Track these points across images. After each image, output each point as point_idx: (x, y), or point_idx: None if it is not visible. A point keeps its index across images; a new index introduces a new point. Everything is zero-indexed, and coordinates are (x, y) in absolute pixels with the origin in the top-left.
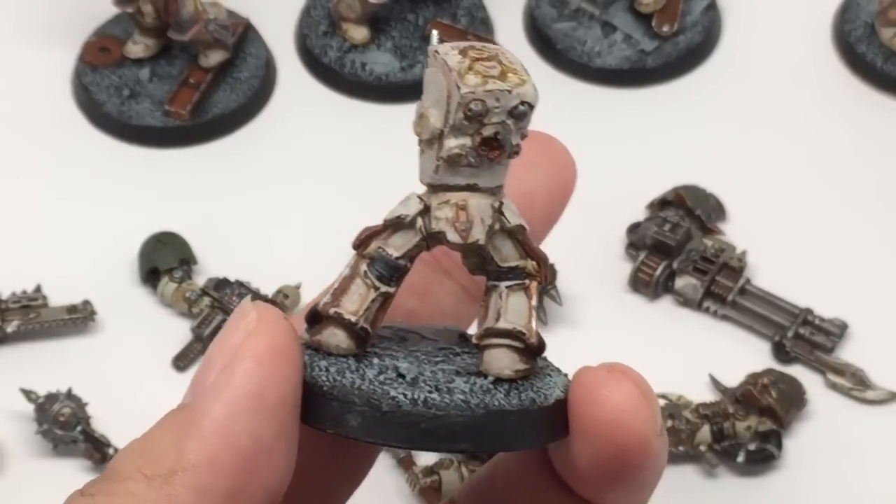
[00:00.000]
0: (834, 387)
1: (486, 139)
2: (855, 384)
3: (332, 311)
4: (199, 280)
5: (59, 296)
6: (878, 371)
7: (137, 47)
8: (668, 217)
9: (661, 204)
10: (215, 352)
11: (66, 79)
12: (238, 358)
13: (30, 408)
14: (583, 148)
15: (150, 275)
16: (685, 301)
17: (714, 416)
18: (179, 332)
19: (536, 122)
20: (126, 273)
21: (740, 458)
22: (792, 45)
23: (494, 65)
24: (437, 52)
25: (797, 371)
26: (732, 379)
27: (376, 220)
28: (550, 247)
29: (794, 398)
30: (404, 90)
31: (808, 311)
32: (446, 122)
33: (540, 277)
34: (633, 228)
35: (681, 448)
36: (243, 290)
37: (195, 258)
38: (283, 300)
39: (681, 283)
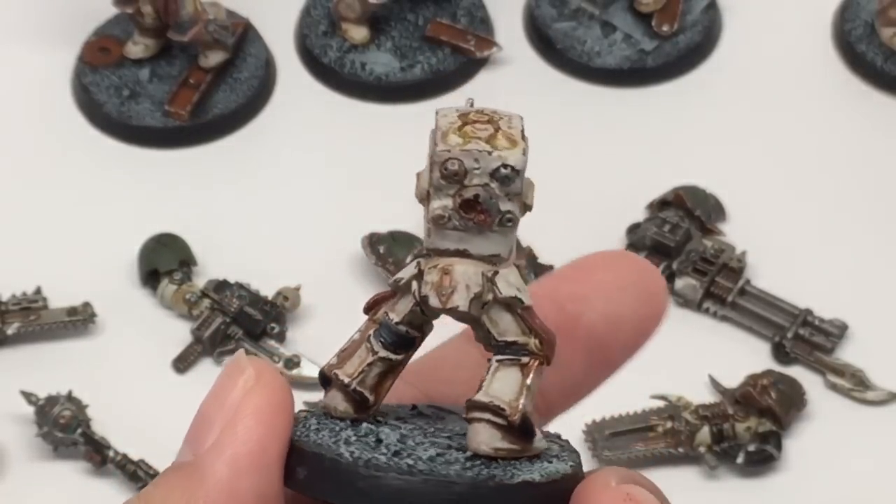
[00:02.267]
0: (834, 387)
1: (466, 201)
2: (855, 385)
3: (333, 372)
4: (199, 282)
5: (59, 298)
6: (878, 371)
7: (137, 48)
8: (668, 218)
9: (661, 204)
10: (212, 409)
11: (66, 79)
12: (239, 416)
13: (30, 410)
14: (583, 148)
15: (150, 276)
16: (685, 302)
17: (714, 418)
18: (179, 333)
19: (536, 122)
20: (126, 275)
21: (740, 460)
22: (792, 45)
23: (487, 127)
24: (438, 111)
25: (797, 372)
26: (732, 380)
27: (375, 220)
28: (550, 247)
29: (793, 399)
30: (404, 90)
31: (808, 312)
32: (430, 183)
33: (543, 358)
34: (633, 229)
35: (680, 449)
36: (243, 291)
37: (195, 260)
38: (282, 302)
39: (680, 283)
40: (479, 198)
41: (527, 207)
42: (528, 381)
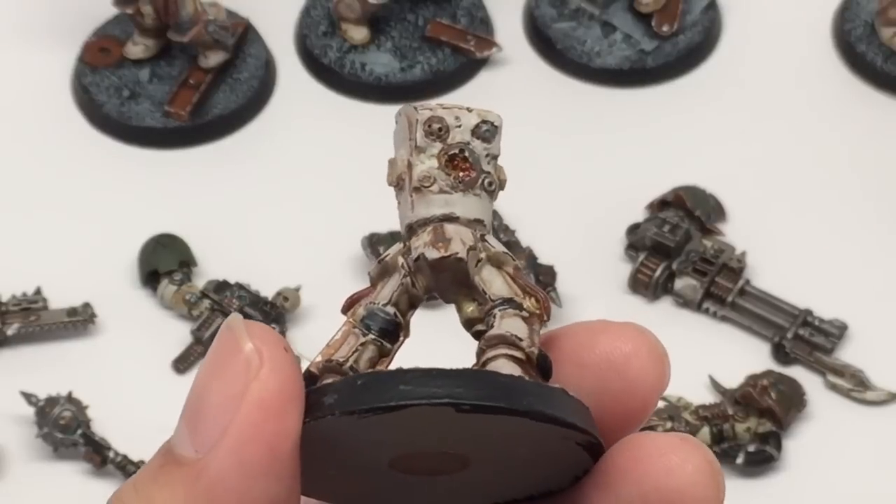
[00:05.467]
0: (834, 388)
1: (452, 156)
2: (855, 385)
3: (323, 361)
4: (199, 282)
5: (59, 298)
6: (878, 372)
7: (137, 48)
8: (668, 218)
9: (661, 205)
10: (212, 393)
11: (66, 79)
12: (246, 411)
13: (30, 411)
14: (583, 148)
15: (150, 277)
16: (685, 302)
17: (713, 418)
18: (179, 334)
19: (537, 122)
20: (126, 275)
21: (740, 460)
22: (792, 45)
23: (459, 105)
24: (399, 111)
25: (797, 372)
26: (732, 380)
27: (375, 220)
28: (550, 247)
29: (793, 399)
30: (404, 90)
31: (808, 312)
32: (412, 149)
33: (542, 314)
34: (633, 229)
35: None
36: (243, 292)
37: (195, 260)
38: (282, 302)
39: (680, 284)
40: (464, 151)
41: (502, 183)
42: (535, 327)
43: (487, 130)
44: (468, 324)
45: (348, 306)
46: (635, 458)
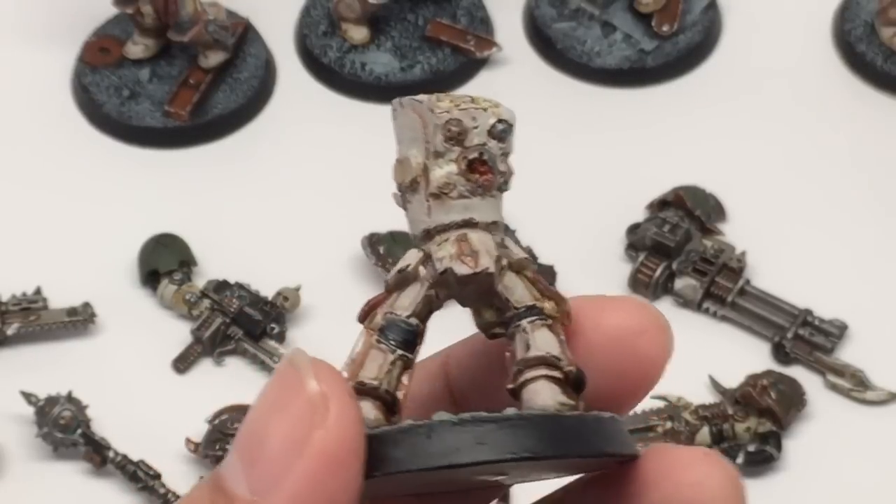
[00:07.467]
0: (833, 388)
1: (472, 161)
2: (854, 385)
3: (356, 386)
4: (199, 282)
5: (59, 298)
6: (878, 371)
7: (137, 48)
8: (668, 218)
9: (661, 205)
10: (272, 431)
11: (66, 79)
12: (307, 460)
13: (30, 410)
14: (583, 148)
15: (150, 277)
16: (685, 302)
17: (713, 418)
18: (179, 334)
19: (537, 122)
20: (126, 275)
21: (740, 460)
22: (792, 45)
23: (465, 96)
24: (400, 101)
25: (797, 372)
26: (732, 380)
27: (375, 220)
28: (550, 247)
29: (793, 399)
30: (404, 90)
31: (808, 312)
32: (428, 153)
33: (563, 318)
34: (633, 229)
35: None
36: (243, 292)
37: (195, 260)
38: (282, 302)
39: (680, 284)
40: (483, 154)
41: (510, 174)
42: (563, 337)
43: (503, 130)
44: (486, 326)
45: (365, 314)
46: (660, 471)
